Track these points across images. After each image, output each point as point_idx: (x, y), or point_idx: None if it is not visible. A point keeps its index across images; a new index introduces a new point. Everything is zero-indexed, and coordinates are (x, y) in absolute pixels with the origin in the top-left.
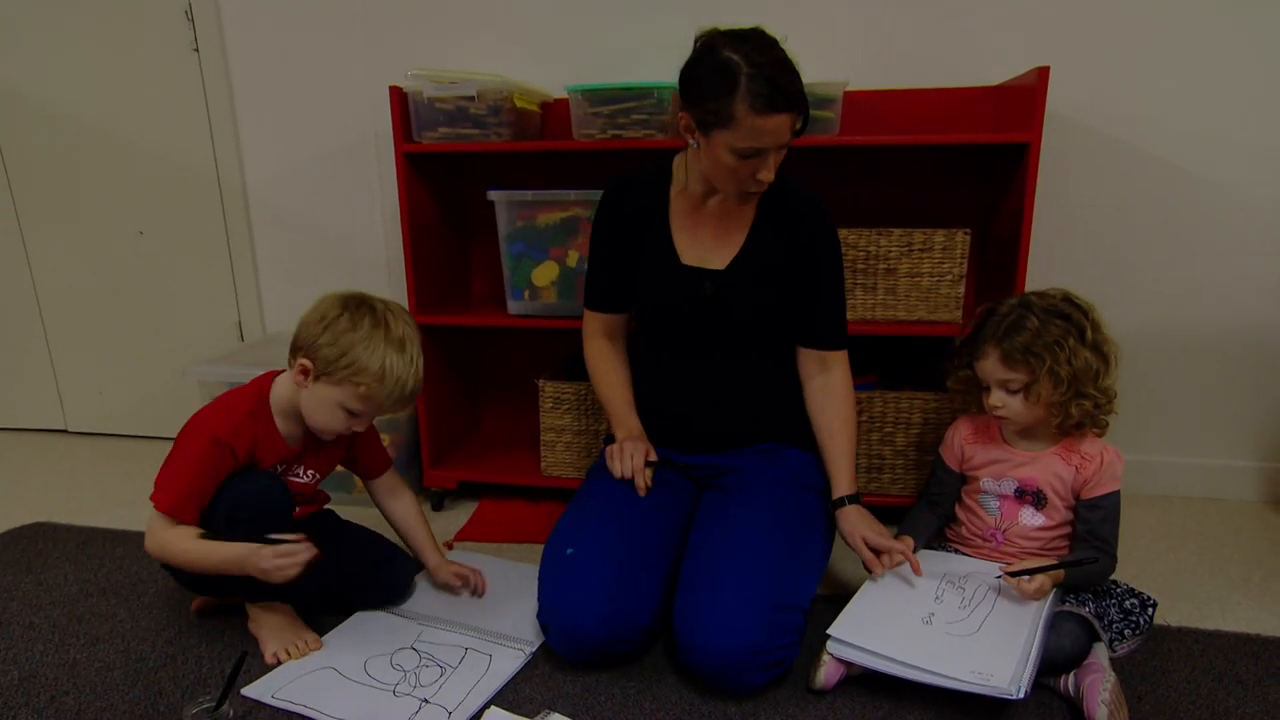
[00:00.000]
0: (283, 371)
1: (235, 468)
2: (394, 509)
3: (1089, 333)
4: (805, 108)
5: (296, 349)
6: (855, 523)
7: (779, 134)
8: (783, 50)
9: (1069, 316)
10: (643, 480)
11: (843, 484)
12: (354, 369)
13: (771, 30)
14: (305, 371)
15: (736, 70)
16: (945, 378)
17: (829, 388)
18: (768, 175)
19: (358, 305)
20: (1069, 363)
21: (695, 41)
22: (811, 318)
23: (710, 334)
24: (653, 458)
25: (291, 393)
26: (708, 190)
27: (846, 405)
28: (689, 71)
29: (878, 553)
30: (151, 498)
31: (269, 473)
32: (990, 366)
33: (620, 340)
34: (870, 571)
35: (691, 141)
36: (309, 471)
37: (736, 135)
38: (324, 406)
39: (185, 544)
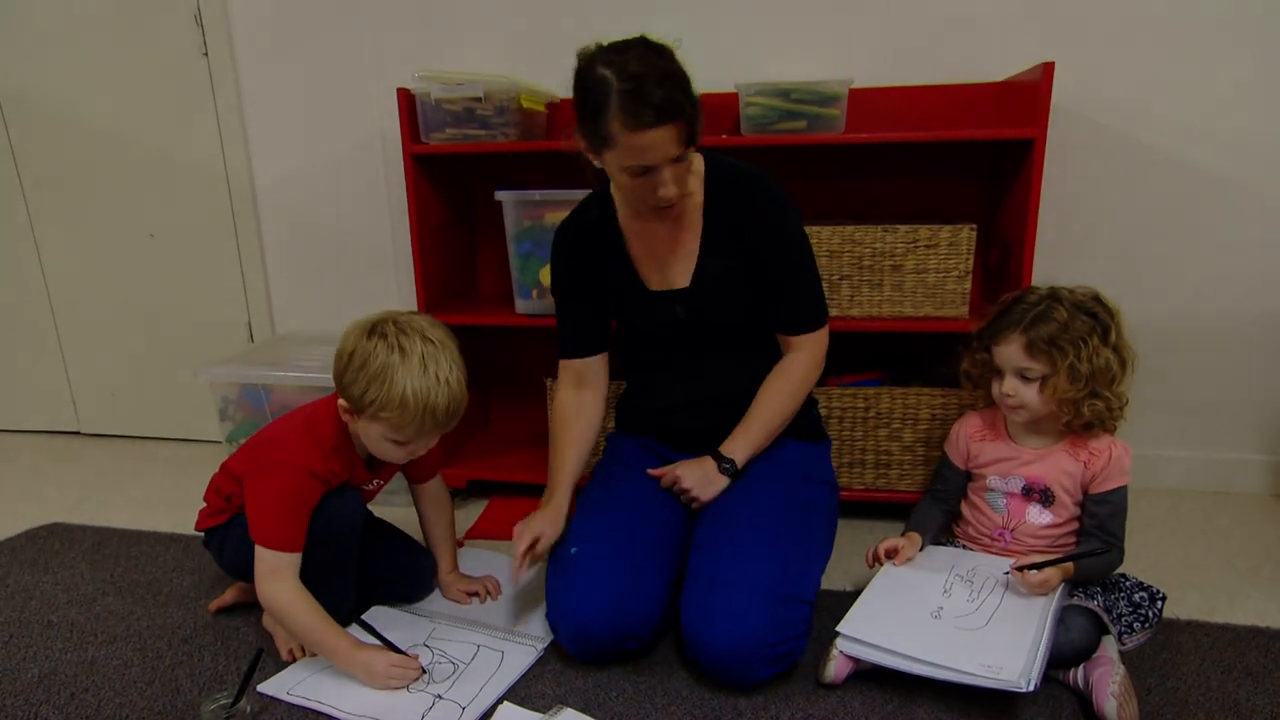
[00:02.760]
0: None
1: (322, 492)
2: (430, 516)
3: (1113, 334)
4: (686, 115)
5: (335, 387)
6: (688, 463)
7: (661, 148)
8: (663, 59)
9: (1096, 315)
10: (517, 567)
11: (730, 444)
12: (378, 404)
13: (663, 38)
14: (348, 410)
15: (608, 87)
16: (961, 361)
17: (780, 366)
18: (667, 191)
19: (370, 334)
20: (1090, 360)
21: (576, 59)
22: (773, 303)
23: (693, 345)
24: (541, 545)
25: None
26: (637, 208)
27: (785, 382)
28: (573, 93)
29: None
30: (256, 537)
31: (352, 492)
32: (1011, 353)
33: (592, 386)
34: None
35: (595, 162)
36: (375, 480)
37: (621, 154)
38: (372, 440)
39: (303, 613)
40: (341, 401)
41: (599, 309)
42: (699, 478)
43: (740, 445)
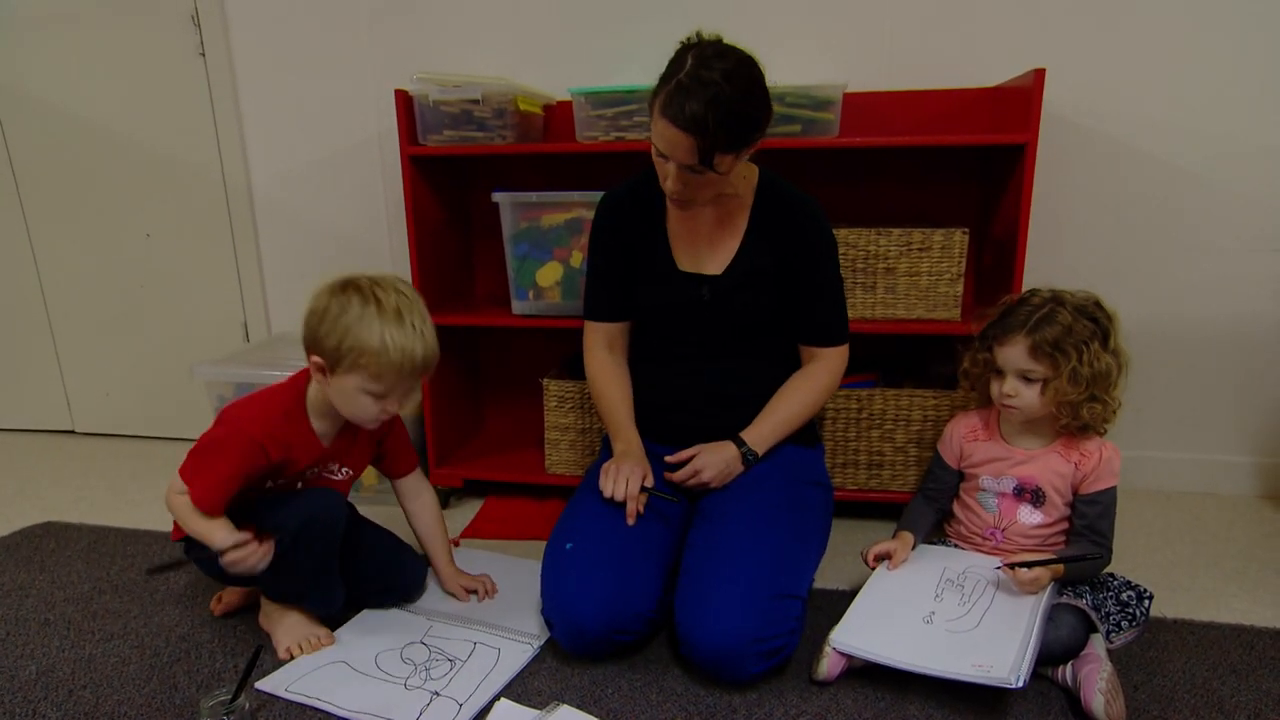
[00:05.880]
0: None
1: (267, 467)
2: (416, 511)
3: (1111, 338)
4: (708, 138)
5: (306, 349)
6: (710, 448)
7: (675, 147)
8: (734, 85)
9: (1097, 319)
10: (634, 507)
11: (750, 432)
12: (356, 352)
13: (760, 62)
14: (321, 368)
15: (676, 71)
16: (961, 359)
17: (803, 371)
18: (670, 185)
19: (344, 288)
20: (1091, 364)
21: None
22: (801, 315)
23: (707, 336)
24: (648, 483)
25: (322, 391)
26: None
27: (810, 385)
28: None
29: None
30: (184, 478)
31: (330, 492)
32: (1015, 354)
33: (621, 351)
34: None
35: None
36: (344, 469)
37: (653, 129)
38: (348, 397)
39: (187, 513)
40: (315, 359)
41: (628, 277)
42: (720, 470)
43: (764, 437)
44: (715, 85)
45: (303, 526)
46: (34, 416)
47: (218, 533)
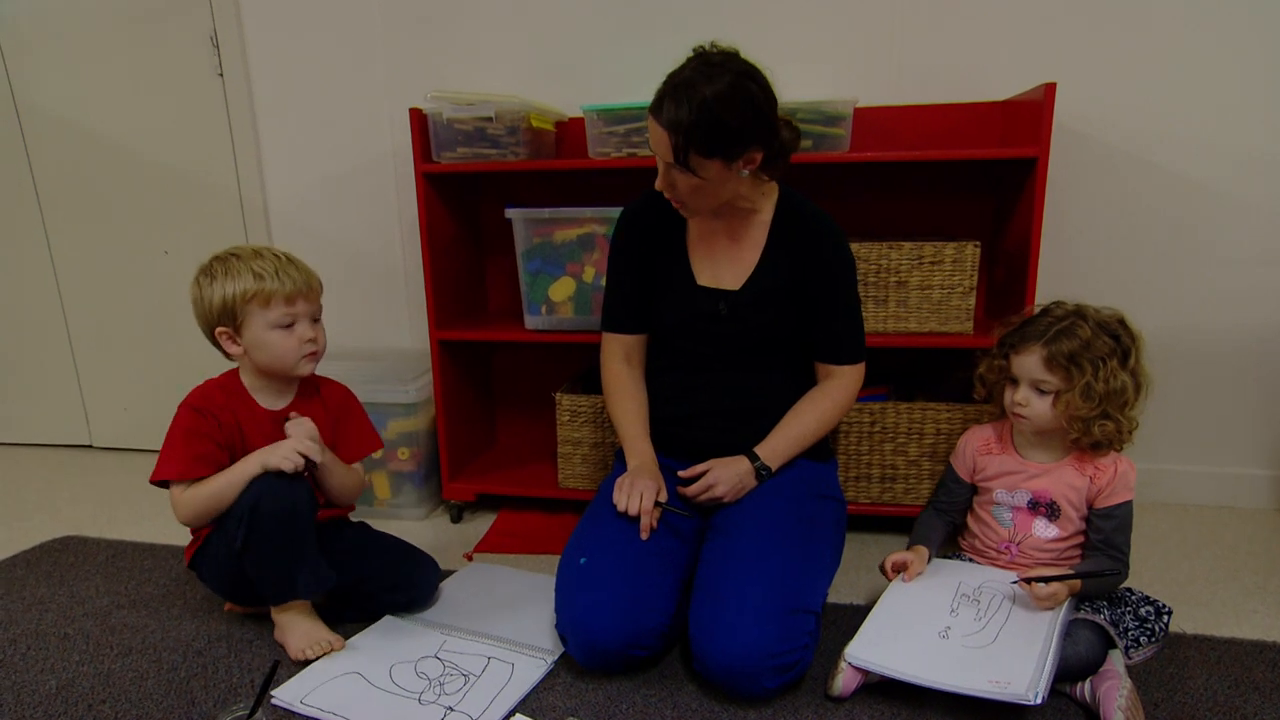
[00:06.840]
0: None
1: (221, 435)
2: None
3: (1132, 358)
4: (681, 133)
5: (209, 333)
6: (723, 462)
7: (657, 142)
8: (724, 92)
9: (1118, 337)
10: (649, 521)
11: (764, 447)
12: (240, 296)
13: (758, 62)
14: (229, 336)
15: (677, 73)
16: (978, 365)
17: (819, 388)
18: (658, 182)
19: (204, 271)
20: (1106, 381)
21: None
22: (818, 332)
23: (723, 350)
24: (662, 498)
25: (247, 364)
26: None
27: (827, 401)
28: None
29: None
30: (152, 479)
31: (288, 476)
32: (1030, 364)
33: (638, 364)
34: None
35: None
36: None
37: None
38: (265, 344)
39: (208, 486)
40: (219, 331)
41: (647, 289)
42: (733, 485)
43: (777, 453)
44: (701, 90)
45: (249, 512)
46: (53, 431)
47: (243, 467)
